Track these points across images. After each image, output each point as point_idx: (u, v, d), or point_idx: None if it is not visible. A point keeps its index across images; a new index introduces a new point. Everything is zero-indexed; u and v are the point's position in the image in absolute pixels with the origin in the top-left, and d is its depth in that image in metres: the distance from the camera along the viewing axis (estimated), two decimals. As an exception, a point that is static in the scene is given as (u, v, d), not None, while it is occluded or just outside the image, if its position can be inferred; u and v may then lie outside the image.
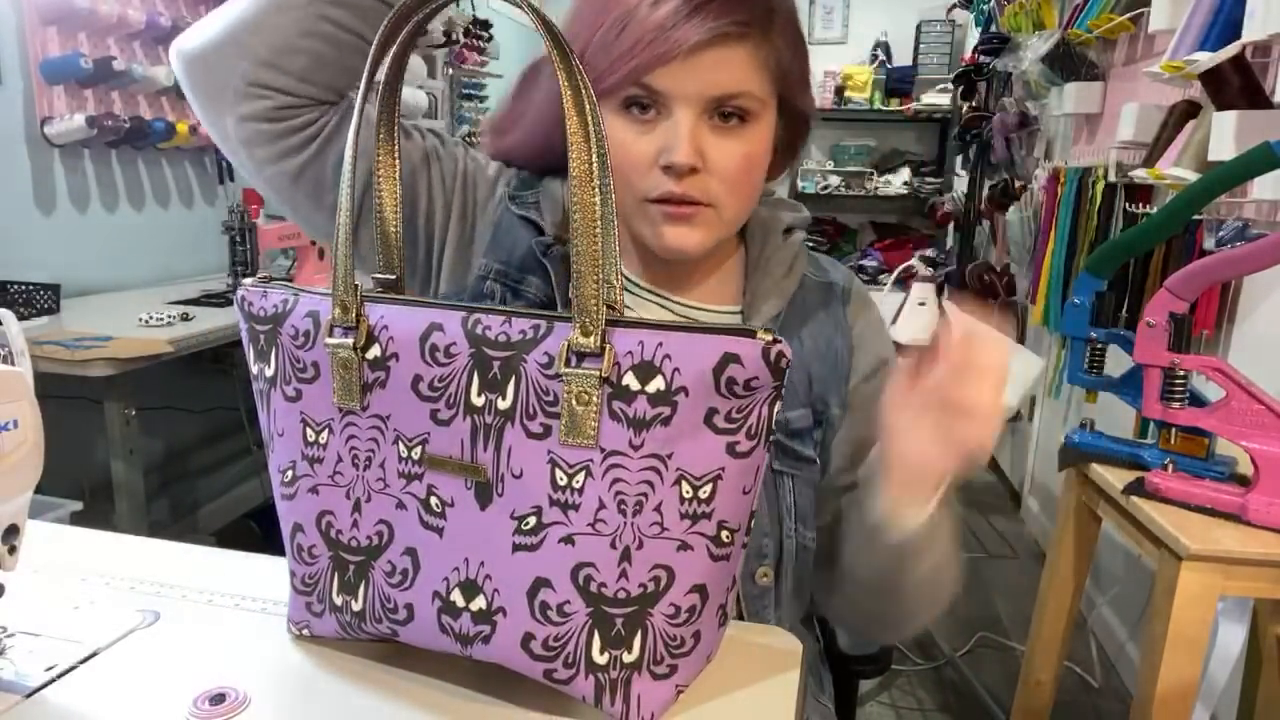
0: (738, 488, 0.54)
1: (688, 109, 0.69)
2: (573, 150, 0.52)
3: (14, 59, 2.14)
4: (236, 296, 0.63)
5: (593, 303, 0.52)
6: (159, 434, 2.51)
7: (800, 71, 0.74)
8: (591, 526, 0.53)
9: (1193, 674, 1.11)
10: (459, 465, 0.55)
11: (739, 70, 0.69)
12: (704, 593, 0.56)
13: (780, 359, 0.51)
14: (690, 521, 0.54)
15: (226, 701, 0.57)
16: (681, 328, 0.52)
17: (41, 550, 0.77)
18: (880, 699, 1.97)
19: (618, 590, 0.53)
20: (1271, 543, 1.05)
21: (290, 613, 0.64)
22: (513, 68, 0.55)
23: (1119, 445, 1.30)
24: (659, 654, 0.56)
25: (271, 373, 0.62)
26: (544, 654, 0.54)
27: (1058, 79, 2.60)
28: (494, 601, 0.55)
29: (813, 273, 0.84)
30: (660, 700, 0.57)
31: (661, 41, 0.66)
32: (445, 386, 0.55)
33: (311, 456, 0.61)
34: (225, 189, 2.83)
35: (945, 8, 4.59)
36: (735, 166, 0.71)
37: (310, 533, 0.61)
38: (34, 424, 0.57)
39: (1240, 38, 1.51)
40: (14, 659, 0.61)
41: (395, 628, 0.58)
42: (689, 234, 0.72)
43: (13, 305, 1.93)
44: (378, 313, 0.58)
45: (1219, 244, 1.65)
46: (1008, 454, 3.43)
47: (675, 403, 0.52)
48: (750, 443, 0.53)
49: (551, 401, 0.53)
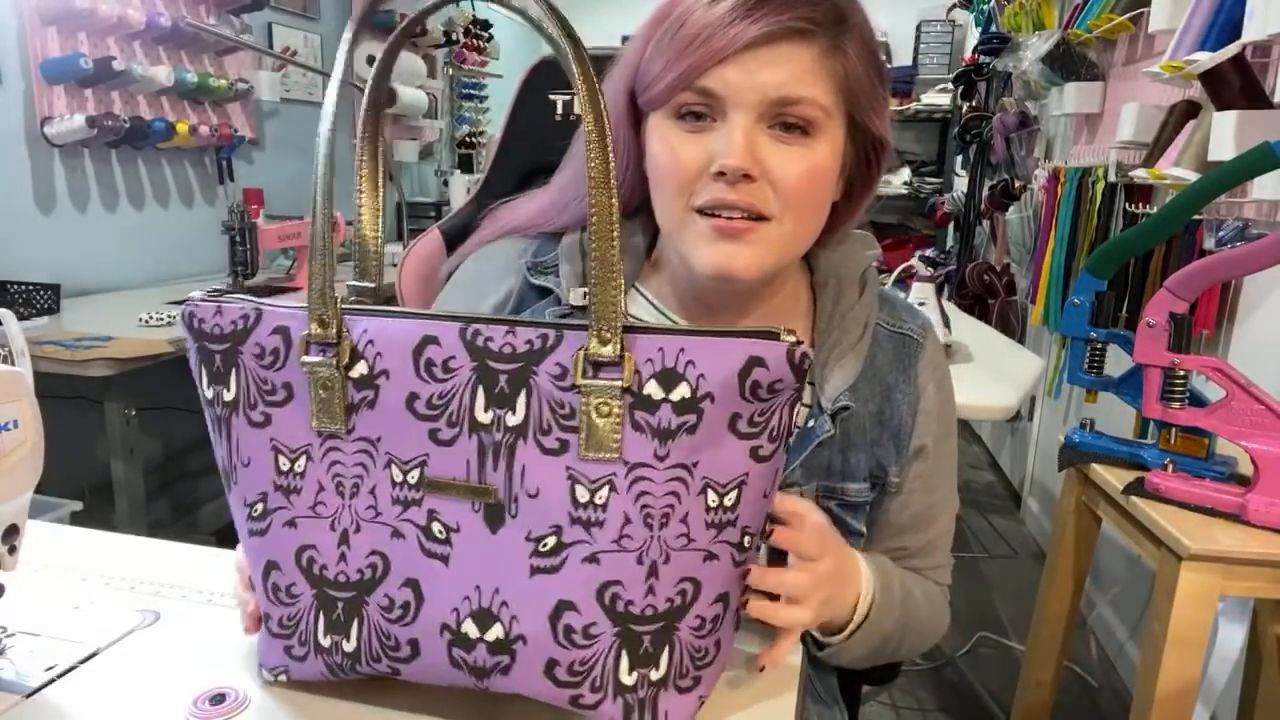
0: (760, 492, 0.53)
1: (744, 112, 0.63)
2: (589, 152, 0.49)
3: (14, 59, 2.14)
4: (183, 313, 0.57)
5: (611, 309, 0.50)
6: (159, 434, 2.51)
7: (874, 92, 0.67)
8: (616, 543, 0.51)
9: (1193, 674, 1.11)
10: (465, 487, 0.52)
11: (801, 72, 0.62)
12: (726, 601, 0.55)
13: (804, 360, 0.50)
14: (716, 530, 0.52)
15: (226, 701, 0.57)
16: (700, 332, 0.51)
17: (41, 550, 0.78)
18: (880, 699, 1.97)
19: (645, 607, 0.52)
20: (1271, 543, 1.05)
21: (263, 658, 0.59)
22: (513, 68, 0.52)
23: (1119, 445, 1.30)
24: (684, 667, 0.54)
25: (231, 397, 0.56)
26: (569, 680, 0.52)
27: (1058, 79, 2.60)
28: (512, 629, 0.52)
29: (886, 321, 0.77)
30: (685, 714, 0.56)
31: (718, 38, 0.61)
32: (445, 404, 0.52)
33: (286, 486, 0.56)
34: (225, 189, 2.83)
35: (945, 8, 4.59)
36: (796, 179, 0.64)
37: (288, 570, 0.56)
38: (34, 424, 0.57)
39: (1240, 38, 1.51)
40: (14, 659, 0.61)
41: (397, 665, 0.55)
42: (739, 253, 0.64)
43: (13, 305, 1.93)
44: (360, 326, 0.54)
45: (1219, 244, 1.65)
46: (1008, 454, 3.43)
47: (701, 410, 0.50)
48: (772, 446, 0.52)
49: (568, 415, 0.51)
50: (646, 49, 0.67)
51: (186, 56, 2.65)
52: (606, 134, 0.50)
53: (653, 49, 0.66)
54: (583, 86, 0.50)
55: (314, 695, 0.59)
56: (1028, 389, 1.64)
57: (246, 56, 2.89)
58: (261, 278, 2.32)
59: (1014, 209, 3.12)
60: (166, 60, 2.55)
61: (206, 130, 2.64)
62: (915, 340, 0.77)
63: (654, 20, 0.67)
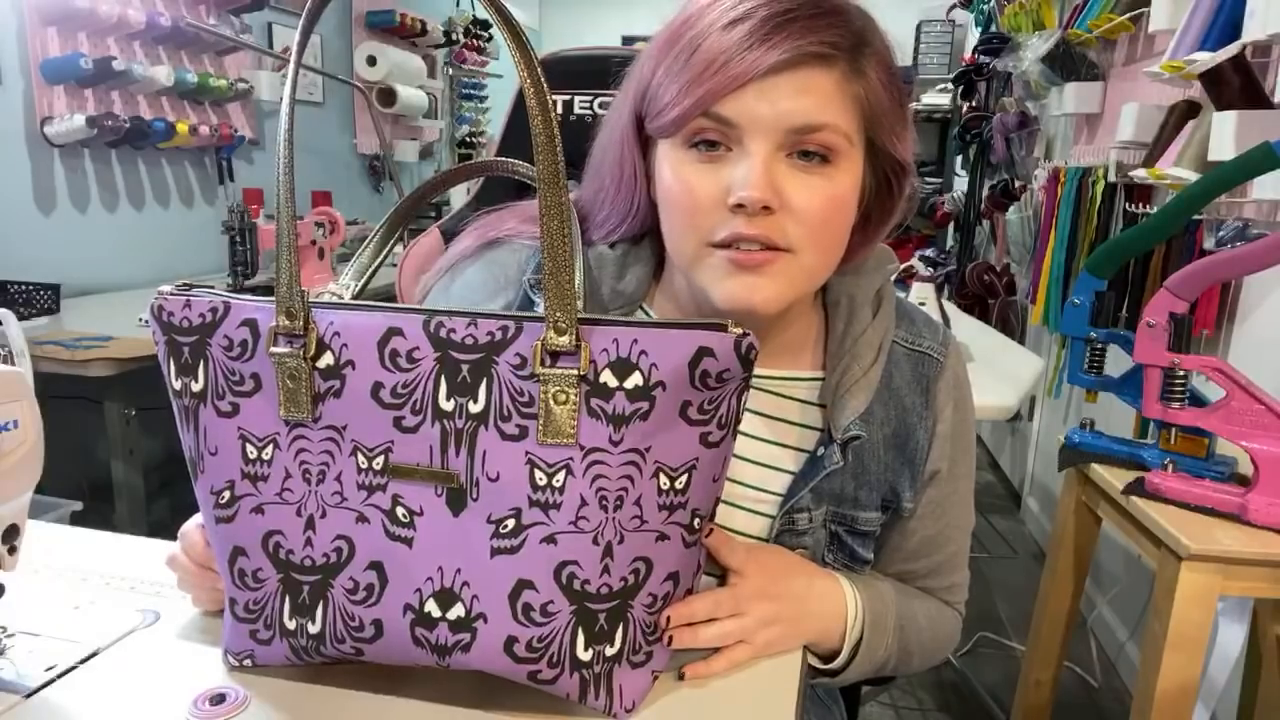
0: (709, 476, 0.56)
1: (763, 141, 0.60)
2: (538, 154, 0.51)
3: (14, 59, 2.14)
4: (151, 306, 0.58)
5: (565, 301, 0.52)
6: (159, 434, 2.51)
7: (896, 115, 0.65)
8: (574, 524, 0.53)
9: (1193, 674, 1.11)
10: (428, 473, 0.54)
11: (822, 99, 0.60)
12: (677, 579, 0.58)
13: (750, 350, 0.53)
14: (668, 512, 0.55)
15: (226, 701, 0.57)
16: (653, 324, 0.53)
17: (41, 550, 0.77)
18: (880, 699, 1.97)
19: (600, 586, 0.54)
20: (1271, 543, 1.05)
21: (228, 643, 0.60)
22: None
23: (1119, 445, 1.30)
24: (638, 643, 0.57)
25: (200, 387, 0.58)
26: (528, 656, 0.54)
27: (1058, 79, 2.60)
28: (473, 608, 0.54)
29: (904, 337, 0.75)
30: (640, 689, 0.58)
31: (736, 64, 0.58)
32: (410, 393, 0.54)
33: (254, 474, 0.57)
34: (225, 189, 2.83)
35: (945, 8, 4.59)
36: (817, 209, 0.61)
37: (255, 555, 0.58)
38: (34, 424, 0.57)
39: (1240, 38, 1.51)
40: (14, 659, 0.61)
41: (361, 646, 0.56)
42: (759, 286, 0.62)
43: (13, 305, 1.92)
44: (326, 319, 0.56)
45: (1219, 244, 1.65)
46: (1008, 454, 3.43)
47: (654, 397, 0.52)
48: (721, 432, 0.55)
49: (527, 402, 0.53)
50: (656, 73, 0.63)
51: (186, 56, 2.65)
52: (555, 136, 0.51)
53: (663, 74, 0.62)
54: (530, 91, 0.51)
55: (314, 694, 0.59)
56: (1028, 389, 1.64)
57: (246, 56, 2.89)
58: (262, 277, 2.32)
59: (1014, 209, 3.12)
60: (166, 60, 2.55)
61: (206, 130, 2.65)
62: (935, 360, 0.75)
63: (665, 43, 0.63)
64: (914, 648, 0.76)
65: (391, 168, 3.56)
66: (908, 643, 0.75)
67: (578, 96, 0.99)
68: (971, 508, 0.81)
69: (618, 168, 0.70)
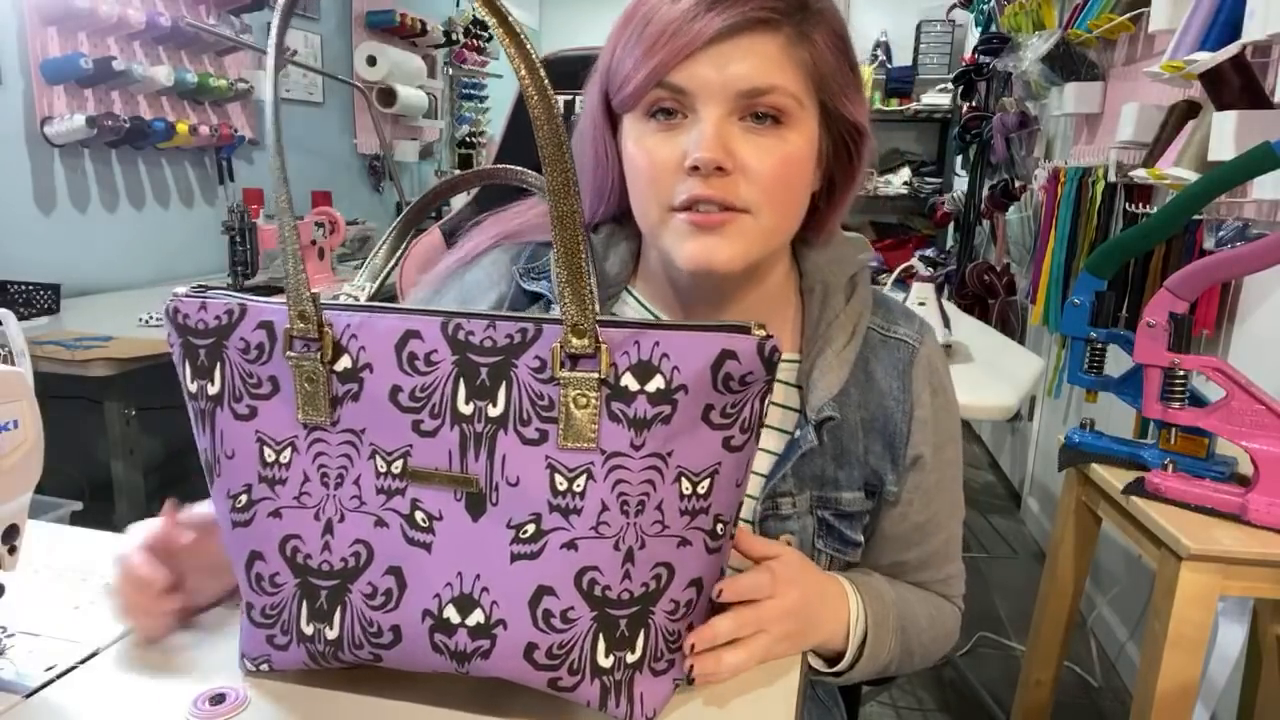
0: (732, 481, 0.55)
1: (714, 106, 0.63)
2: (547, 165, 0.50)
3: (14, 59, 2.14)
4: (167, 309, 0.58)
5: (583, 305, 0.51)
6: (159, 434, 2.51)
7: (845, 78, 0.67)
8: (594, 530, 0.52)
9: (1193, 674, 1.11)
10: (447, 477, 0.54)
11: (768, 63, 0.63)
12: (700, 585, 0.57)
13: (774, 353, 0.52)
14: (690, 517, 0.54)
15: (226, 701, 0.57)
16: (675, 326, 0.52)
17: (41, 550, 0.77)
18: (880, 699, 1.97)
19: (622, 592, 0.53)
20: (1271, 543, 1.05)
21: (244, 647, 0.60)
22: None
23: (1119, 445, 1.30)
24: (659, 650, 0.56)
25: (216, 390, 0.57)
26: (548, 663, 0.53)
27: (1058, 79, 2.60)
28: (493, 614, 0.53)
29: (879, 325, 0.77)
30: (661, 696, 0.57)
31: (685, 33, 0.62)
32: (428, 396, 0.53)
33: (272, 478, 0.57)
34: (225, 189, 2.83)
35: (945, 8, 4.59)
36: (770, 168, 0.64)
37: (272, 560, 0.57)
38: (34, 424, 0.57)
39: (1240, 38, 1.51)
40: (14, 659, 0.61)
41: (379, 651, 0.56)
42: (719, 246, 0.64)
43: (13, 305, 1.93)
44: (343, 321, 0.55)
45: (1219, 244, 1.65)
46: (1008, 454, 3.43)
47: (675, 401, 0.52)
48: (744, 436, 0.54)
49: (547, 406, 0.52)
50: (616, 50, 0.67)
51: (186, 56, 2.65)
52: (563, 144, 0.50)
53: (621, 50, 0.66)
54: (534, 98, 0.49)
55: (314, 694, 0.59)
56: (1028, 389, 1.64)
57: (246, 56, 2.89)
58: (262, 277, 2.32)
59: (1014, 209, 3.12)
60: (166, 60, 2.55)
61: (206, 130, 2.64)
62: (910, 345, 0.76)
63: (621, 22, 0.67)
64: (915, 647, 0.76)
65: (392, 168, 3.56)
66: (909, 643, 0.75)
67: (579, 97, 0.99)
68: (960, 497, 0.81)
69: (591, 148, 0.72)
